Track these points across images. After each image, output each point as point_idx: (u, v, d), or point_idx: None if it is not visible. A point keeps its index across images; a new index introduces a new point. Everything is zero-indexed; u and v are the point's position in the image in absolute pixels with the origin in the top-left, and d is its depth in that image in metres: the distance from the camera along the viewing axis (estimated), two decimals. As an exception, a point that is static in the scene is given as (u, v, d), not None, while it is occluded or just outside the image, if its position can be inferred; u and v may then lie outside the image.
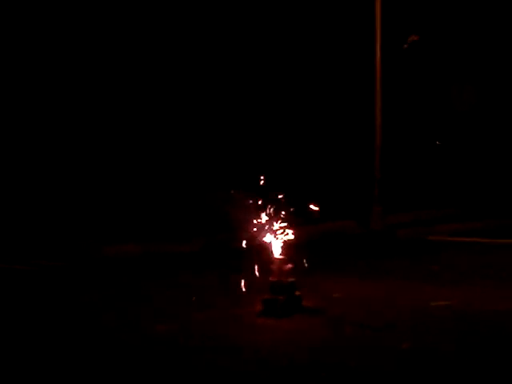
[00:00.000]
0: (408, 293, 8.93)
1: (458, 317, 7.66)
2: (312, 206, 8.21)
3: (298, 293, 7.75)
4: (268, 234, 7.80)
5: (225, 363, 6.07)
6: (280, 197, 7.90)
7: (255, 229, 7.83)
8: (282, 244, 7.78)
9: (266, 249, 7.87)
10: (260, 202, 7.84)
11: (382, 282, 9.68)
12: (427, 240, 14.22)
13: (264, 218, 7.78)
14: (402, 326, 7.23)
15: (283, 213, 7.82)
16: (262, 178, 8.03)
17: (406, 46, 15.83)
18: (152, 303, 8.51)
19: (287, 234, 7.78)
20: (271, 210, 7.78)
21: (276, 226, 7.77)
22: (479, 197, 16.98)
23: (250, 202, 7.84)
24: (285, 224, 7.77)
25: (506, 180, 17.48)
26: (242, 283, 7.94)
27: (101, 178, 15.68)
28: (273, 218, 7.80)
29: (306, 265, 8.03)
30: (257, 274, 7.84)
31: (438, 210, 16.44)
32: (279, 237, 7.76)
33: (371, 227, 15.13)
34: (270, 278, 7.75)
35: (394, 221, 15.35)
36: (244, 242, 7.94)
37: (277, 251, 7.91)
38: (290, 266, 7.77)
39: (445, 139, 17.56)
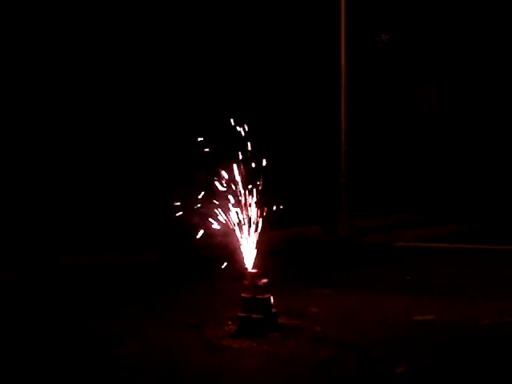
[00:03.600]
0: (386, 306, 8.41)
1: (445, 333, 7.16)
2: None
3: (274, 310, 7.10)
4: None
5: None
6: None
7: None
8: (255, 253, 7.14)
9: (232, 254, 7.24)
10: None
11: (356, 294, 9.17)
12: (396, 247, 13.89)
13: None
14: (390, 346, 6.67)
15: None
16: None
17: (379, 44, 15.50)
18: (112, 322, 7.76)
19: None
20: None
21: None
22: (448, 201, 16.76)
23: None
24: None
25: (474, 184, 17.28)
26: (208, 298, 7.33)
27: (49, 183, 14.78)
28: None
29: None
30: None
31: (406, 214, 16.10)
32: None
33: (338, 233, 14.73)
34: (243, 294, 7.09)
35: (361, 226, 14.95)
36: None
37: (249, 263, 7.27)
38: (264, 280, 7.12)
39: (412, 143, 17.29)
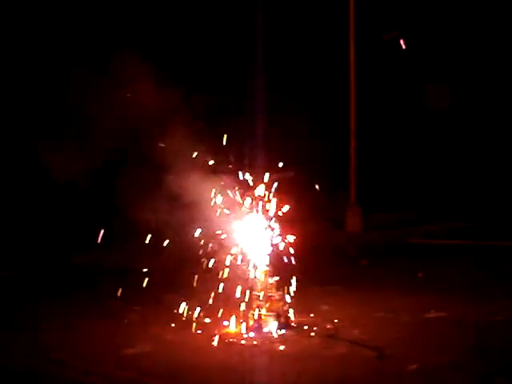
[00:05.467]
0: (398, 303, 8.40)
1: (457, 330, 7.14)
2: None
3: (285, 307, 7.12)
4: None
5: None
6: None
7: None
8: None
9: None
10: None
11: (367, 292, 9.14)
12: (406, 243, 13.86)
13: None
14: (402, 344, 6.65)
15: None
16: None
17: (389, 38, 15.48)
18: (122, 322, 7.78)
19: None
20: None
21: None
22: (458, 197, 16.66)
23: None
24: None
25: (483, 181, 17.16)
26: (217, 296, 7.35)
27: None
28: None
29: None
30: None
31: (416, 210, 16.04)
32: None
33: (349, 230, 14.74)
34: (255, 292, 7.11)
35: (372, 223, 14.94)
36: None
37: (261, 262, 7.29)
38: (276, 278, 7.15)
39: (422, 139, 17.20)
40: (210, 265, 7.19)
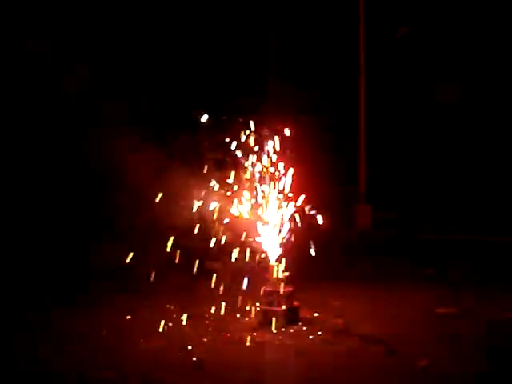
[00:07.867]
0: (408, 299, 8.43)
1: (469, 326, 7.12)
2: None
3: (296, 303, 7.11)
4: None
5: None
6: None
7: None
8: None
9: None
10: None
11: (379, 288, 9.15)
12: (416, 239, 13.77)
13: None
14: (412, 339, 6.64)
15: None
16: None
17: (398, 35, 15.41)
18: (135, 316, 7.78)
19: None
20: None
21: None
22: (467, 193, 16.48)
23: None
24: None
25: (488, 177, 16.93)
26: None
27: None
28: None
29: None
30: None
31: (426, 206, 15.89)
32: None
33: (359, 226, 14.70)
34: (265, 287, 7.10)
35: (382, 219, 14.86)
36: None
37: (271, 257, 7.29)
38: (286, 274, 7.13)
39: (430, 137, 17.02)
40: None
